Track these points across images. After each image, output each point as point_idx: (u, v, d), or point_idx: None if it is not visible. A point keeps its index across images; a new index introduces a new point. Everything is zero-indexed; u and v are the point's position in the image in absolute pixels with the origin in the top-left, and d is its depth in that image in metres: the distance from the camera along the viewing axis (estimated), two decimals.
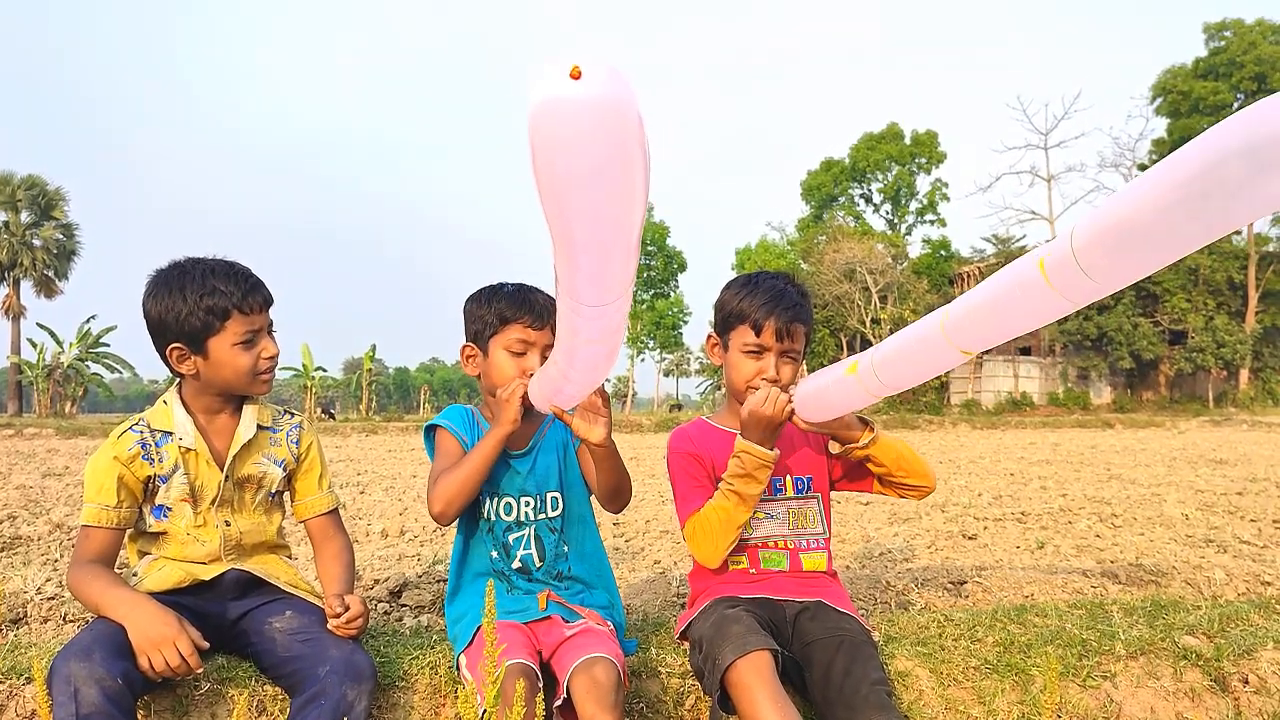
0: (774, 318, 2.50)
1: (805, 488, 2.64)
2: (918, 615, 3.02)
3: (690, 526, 2.53)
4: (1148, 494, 7.70)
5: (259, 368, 2.35)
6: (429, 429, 2.58)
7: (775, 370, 2.53)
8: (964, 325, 1.81)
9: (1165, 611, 2.98)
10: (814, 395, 2.33)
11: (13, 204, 41.99)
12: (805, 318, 2.57)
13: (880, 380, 2.08)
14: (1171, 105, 41.78)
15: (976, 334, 1.81)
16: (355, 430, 23.84)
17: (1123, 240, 1.34)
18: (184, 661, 2.02)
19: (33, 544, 5.11)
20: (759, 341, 2.52)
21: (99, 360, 42.60)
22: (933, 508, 6.82)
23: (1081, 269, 1.43)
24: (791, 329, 2.52)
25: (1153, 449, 15.23)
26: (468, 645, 2.32)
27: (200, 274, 2.28)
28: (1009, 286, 1.63)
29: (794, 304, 2.54)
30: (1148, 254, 1.35)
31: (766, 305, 2.51)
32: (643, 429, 24.86)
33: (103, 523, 2.25)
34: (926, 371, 2.01)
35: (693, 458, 2.62)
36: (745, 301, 2.55)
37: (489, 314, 2.49)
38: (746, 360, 2.56)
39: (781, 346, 2.52)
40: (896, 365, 2.05)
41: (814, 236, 48.32)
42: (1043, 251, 1.53)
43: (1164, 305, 39.47)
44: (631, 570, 4.53)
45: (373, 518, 6.42)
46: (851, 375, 2.15)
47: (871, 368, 2.09)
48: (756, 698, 2.08)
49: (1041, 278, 1.52)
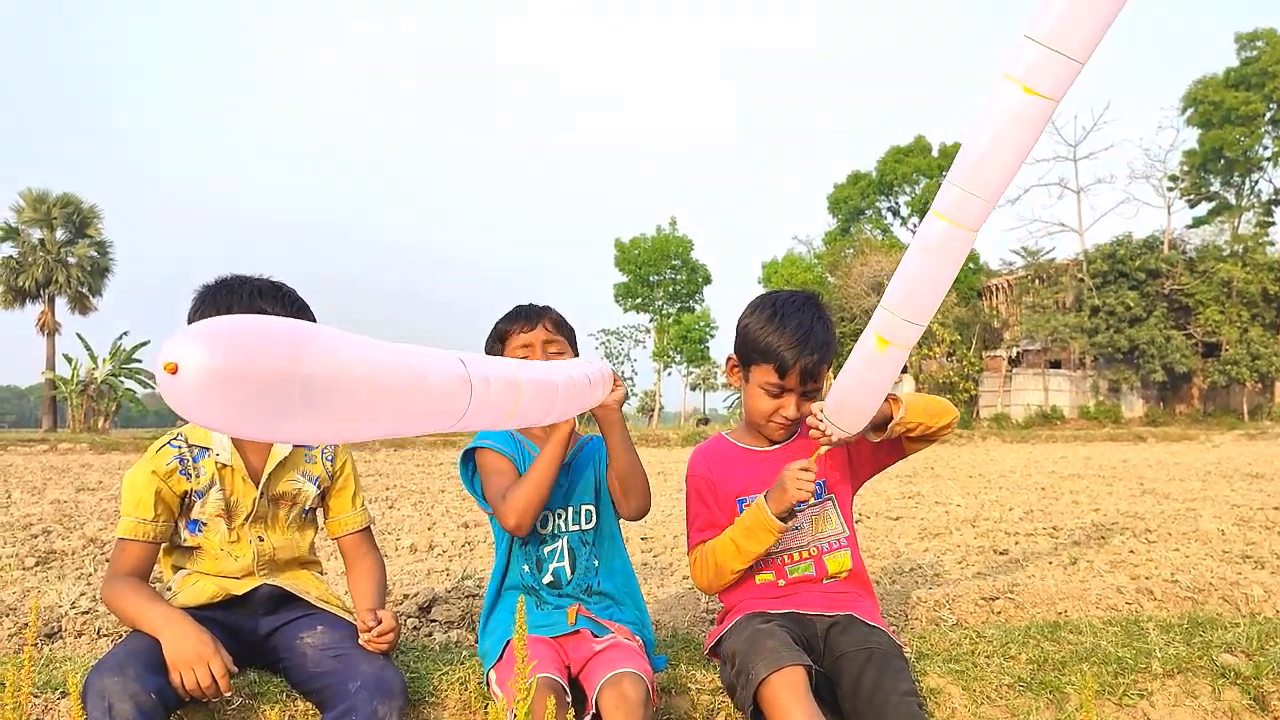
0: (800, 364, 2.45)
1: (821, 491, 2.62)
2: (949, 631, 2.99)
3: (694, 555, 2.60)
4: (1182, 509, 7.59)
5: None
6: (468, 453, 2.58)
7: (795, 409, 2.51)
8: (961, 199, 1.90)
9: (1203, 629, 2.94)
10: (849, 402, 2.26)
11: (48, 222, 42.56)
12: (831, 356, 2.51)
13: (910, 320, 2.06)
14: (1203, 116, 41.35)
15: (980, 184, 1.88)
16: (383, 445, 23.93)
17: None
18: (214, 683, 2.03)
19: (67, 558, 5.16)
20: (782, 384, 2.49)
21: (131, 376, 43.03)
22: (963, 523, 6.77)
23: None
24: (818, 373, 2.49)
25: (1186, 463, 15.04)
26: (497, 661, 2.33)
27: (247, 294, 2.29)
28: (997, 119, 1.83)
29: (821, 344, 2.47)
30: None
31: (793, 349, 2.44)
32: (670, 443, 24.82)
33: (139, 536, 2.27)
34: (949, 274, 2.02)
35: (706, 483, 2.63)
36: (771, 338, 2.48)
37: (491, 334, 2.62)
38: (766, 398, 2.54)
39: (804, 389, 2.50)
40: (917, 293, 2.04)
41: (841, 250, 48.20)
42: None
43: (1197, 317, 39.00)
44: (660, 586, 4.52)
45: (401, 532, 6.44)
46: (884, 348, 2.10)
47: (894, 317, 2.06)
48: (790, 713, 2.07)
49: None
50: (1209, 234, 41.54)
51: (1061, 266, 41.63)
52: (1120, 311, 38.15)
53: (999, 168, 1.88)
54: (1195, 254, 40.05)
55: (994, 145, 1.87)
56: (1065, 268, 41.31)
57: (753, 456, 2.64)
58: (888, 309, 2.09)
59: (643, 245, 50.39)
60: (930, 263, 2.01)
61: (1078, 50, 1.75)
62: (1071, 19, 1.73)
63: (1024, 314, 41.47)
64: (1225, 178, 42.84)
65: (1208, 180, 43.29)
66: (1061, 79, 1.78)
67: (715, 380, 57.92)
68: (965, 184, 1.90)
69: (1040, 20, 1.76)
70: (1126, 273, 38.80)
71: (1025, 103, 1.81)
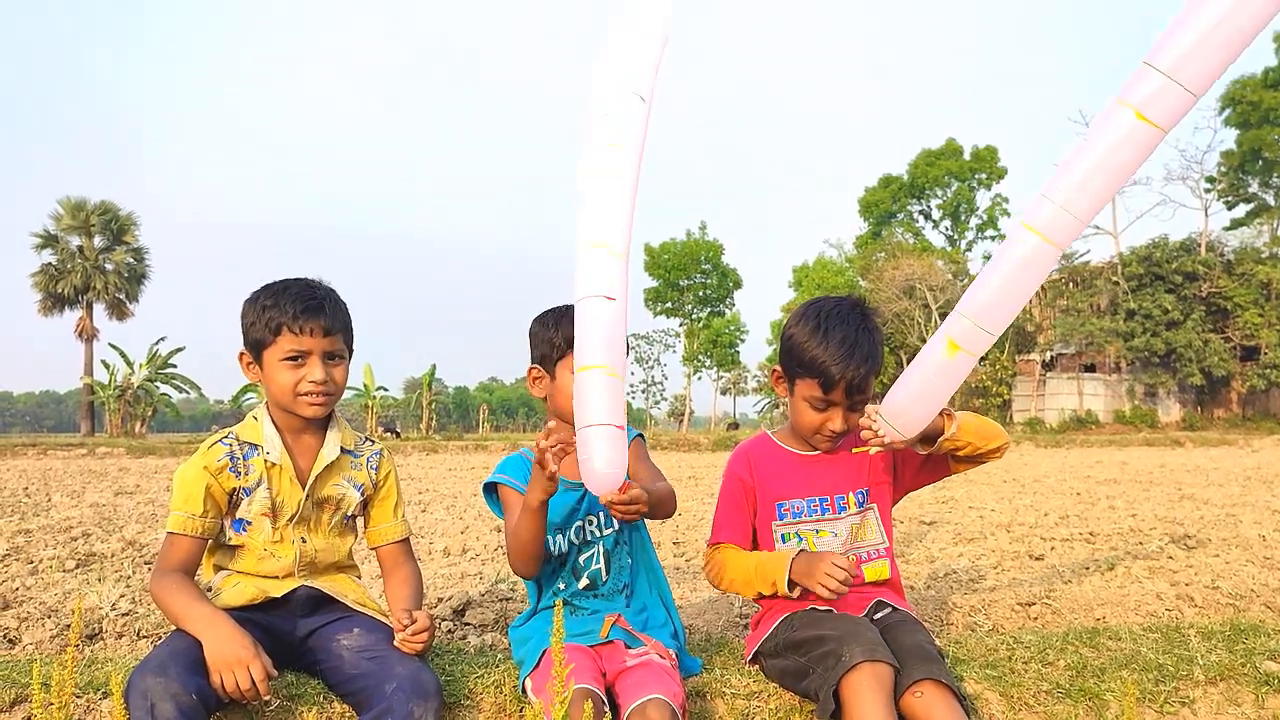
0: (845, 377, 2.39)
1: (864, 500, 2.61)
2: (986, 637, 2.96)
3: (711, 555, 2.62)
4: (1222, 514, 7.48)
5: (300, 389, 2.36)
6: (488, 486, 2.57)
7: (842, 422, 2.47)
8: (1058, 215, 1.94)
9: (1245, 636, 2.90)
10: (908, 404, 2.24)
11: (86, 229, 43.21)
12: (878, 366, 2.45)
13: (986, 329, 2.07)
14: (1241, 116, 40.74)
15: (1079, 204, 1.92)
16: (416, 449, 24.09)
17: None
18: (254, 686, 2.05)
19: (107, 561, 5.23)
20: (828, 398, 2.45)
21: (167, 381, 43.53)
22: (998, 528, 6.71)
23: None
24: (864, 385, 2.44)
25: (1225, 468, 14.82)
26: (534, 668, 2.33)
27: (279, 288, 2.38)
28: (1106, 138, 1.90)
29: (867, 357, 2.41)
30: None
31: (839, 363, 2.38)
32: (700, 448, 24.79)
33: (188, 531, 2.30)
34: (1032, 288, 2.04)
35: (744, 486, 2.62)
36: (817, 350, 2.42)
37: (556, 337, 2.47)
38: (811, 411, 2.50)
39: (850, 401, 2.45)
40: (998, 304, 2.05)
41: (873, 254, 48.01)
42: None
43: (1235, 321, 38.45)
44: (693, 590, 4.51)
45: (434, 536, 6.48)
46: (954, 354, 2.10)
47: (972, 325, 2.07)
48: (873, 708, 2.05)
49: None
50: (1247, 236, 40.96)
51: (1096, 269, 41.16)
52: (1157, 315, 37.68)
53: (1098, 191, 1.93)
54: (1233, 256, 39.51)
55: (1099, 168, 1.92)
56: (1100, 270, 40.85)
57: (797, 460, 2.63)
58: (966, 315, 2.09)
59: (673, 250, 50.40)
60: (1016, 275, 2.03)
61: (1197, 84, 1.81)
62: (1197, 54, 1.79)
63: (1058, 317, 41.06)
64: (1264, 179, 42.13)
65: (1246, 181, 42.63)
66: (1176, 110, 1.84)
67: (745, 385, 57.88)
68: (1065, 202, 1.94)
69: (1164, 50, 1.82)
70: (1163, 275, 38.33)
71: (1136, 129, 1.86)
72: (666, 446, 24.81)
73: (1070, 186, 1.93)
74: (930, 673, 2.12)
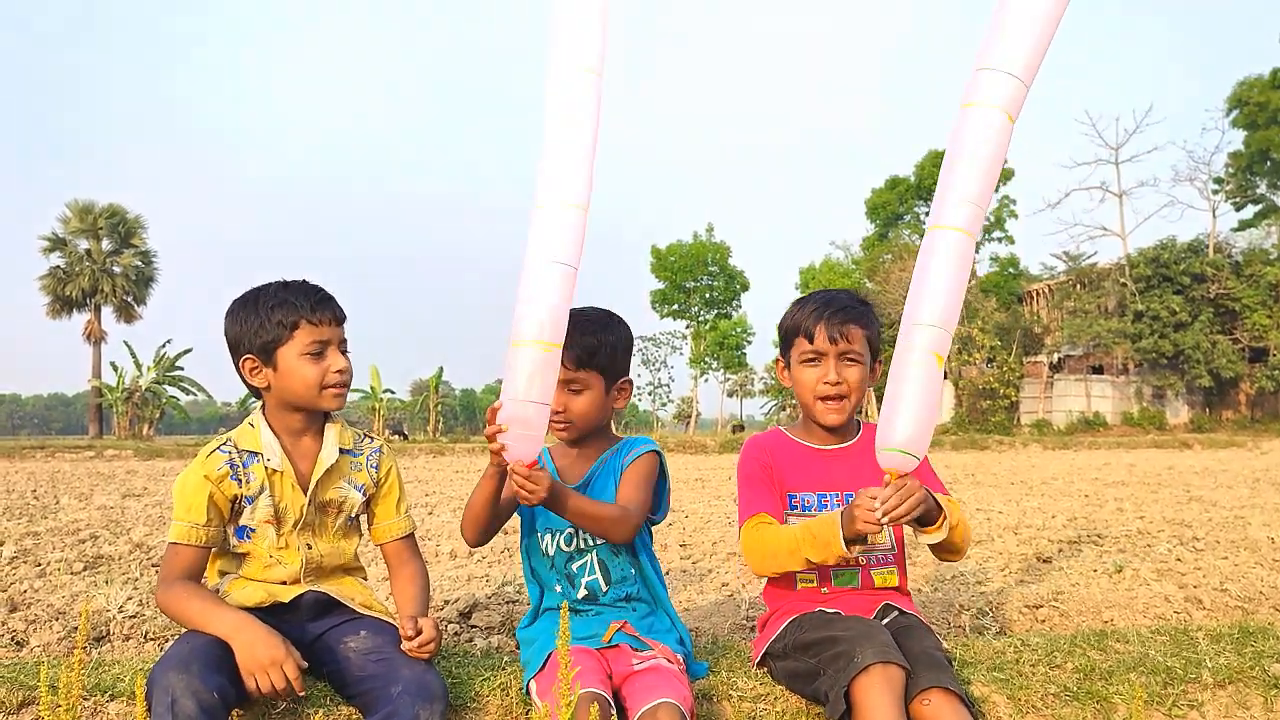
0: (824, 322, 2.51)
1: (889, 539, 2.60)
2: (993, 640, 2.96)
3: (749, 534, 2.51)
4: (1230, 516, 7.46)
5: (326, 380, 2.37)
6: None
7: (836, 373, 2.51)
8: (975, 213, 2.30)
9: (1254, 638, 2.89)
10: (914, 418, 2.20)
11: (94, 232, 43.38)
12: (860, 319, 2.55)
13: (951, 331, 2.21)
14: (1248, 117, 40.62)
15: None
16: (423, 451, 24.11)
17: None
18: (289, 685, 2.06)
19: (114, 563, 5.24)
20: (814, 348, 2.53)
21: (175, 383, 43.73)
22: (1005, 530, 6.69)
23: None
24: (845, 331, 2.51)
25: (1234, 470, 14.76)
26: (539, 670, 2.32)
27: (274, 289, 2.39)
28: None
29: (844, 306, 2.55)
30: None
31: (816, 311, 2.54)
32: (707, 450, 24.76)
33: (191, 540, 2.30)
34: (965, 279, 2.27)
35: (761, 463, 2.62)
36: (798, 313, 2.59)
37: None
38: (806, 370, 2.57)
39: (838, 349, 2.51)
40: (955, 304, 2.23)
41: (879, 255, 47.87)
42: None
43: (1243, 322, 38.29)
44: (699, 593, 4.51)
45: (441, 538, 6.48)
46: (941, 364, 2.19)
47: (944, 333, 2.19)
48: (885, 710, 2.04)
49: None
50: (1255, 237, 40.75)
51: (1104, 271, 41.00)
52: (1165, 316, 37.53)
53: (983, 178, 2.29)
54: (1241, 257, 39.33)
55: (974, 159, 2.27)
56: (1107, 272, 40.69)
57: (810, 454, 2.63)
58: (937, 326, 2.17)
59: (679, 251, 50.36)
60: (957, 271, 2.25)
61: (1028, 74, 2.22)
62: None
63: (1065, 319, 40.91)
64: (1271, 180, 42.02)
65: (1254, 183, 42.51)
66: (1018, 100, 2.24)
67: (752, 387, 57.81)
68: (978, 199, 2.27)
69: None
70: (1171, 277, 38.18)
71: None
72: (673, 449, 24.78)
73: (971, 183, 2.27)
74: (938, 681, 2.12)
